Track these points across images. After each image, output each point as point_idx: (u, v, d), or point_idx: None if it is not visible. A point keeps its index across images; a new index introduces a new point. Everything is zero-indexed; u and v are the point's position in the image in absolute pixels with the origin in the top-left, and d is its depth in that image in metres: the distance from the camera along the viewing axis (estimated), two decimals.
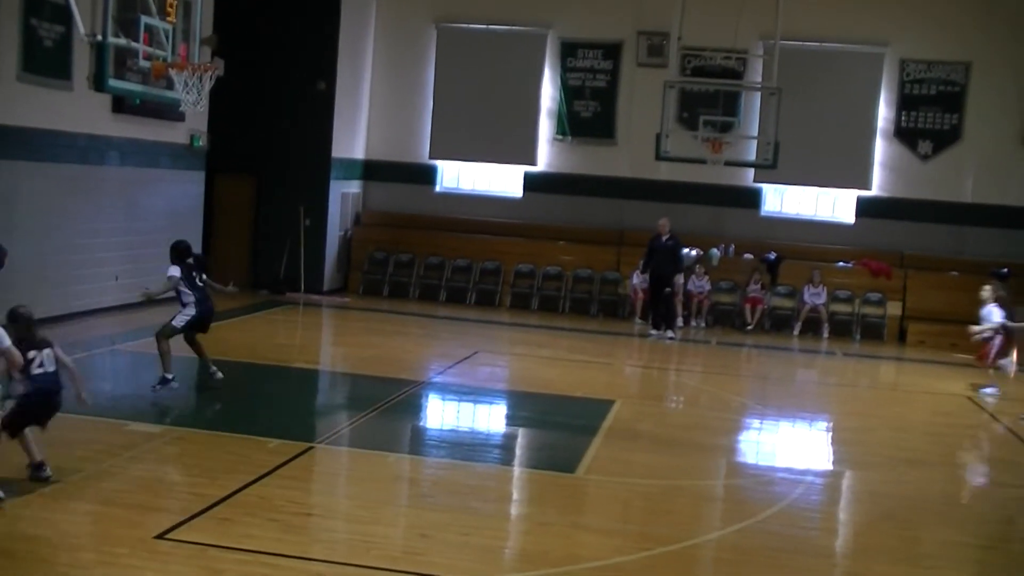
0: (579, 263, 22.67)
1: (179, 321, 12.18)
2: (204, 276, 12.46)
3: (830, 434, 13.63)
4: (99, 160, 17.00)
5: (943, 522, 9.66)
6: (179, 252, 12.25)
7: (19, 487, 8.33)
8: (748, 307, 21.49)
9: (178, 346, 12.45)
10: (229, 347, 16.11)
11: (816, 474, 11.19)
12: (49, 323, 15.52)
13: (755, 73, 22.45)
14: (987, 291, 16.57)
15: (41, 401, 8.52)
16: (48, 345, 8.64)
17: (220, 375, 12.63)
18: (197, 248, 19.85)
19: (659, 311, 19.89)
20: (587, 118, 23.35)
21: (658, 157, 20.40)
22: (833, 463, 12.07)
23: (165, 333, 12.10)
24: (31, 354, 8.44)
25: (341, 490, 9.62)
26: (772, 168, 20.30)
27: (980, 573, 8.72)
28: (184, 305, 12.18)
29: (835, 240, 22.82)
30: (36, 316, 8.92)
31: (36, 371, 8.47)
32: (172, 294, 12.27)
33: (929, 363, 19.19)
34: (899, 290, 21.78)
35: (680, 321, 20.69)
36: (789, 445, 12.94)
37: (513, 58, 23.51)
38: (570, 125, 23.36)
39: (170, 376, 11.98)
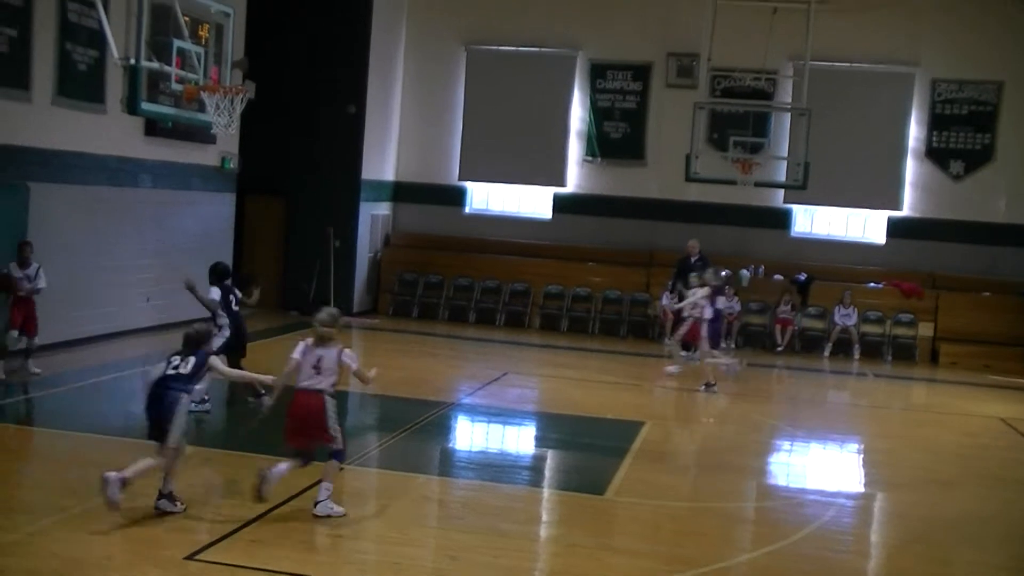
0: (609, 284, 22.64)
1: (214, 345, 12.19)
2: (239, 298, 12.51)
3: (861, 456, 13.52)
4: (131, 182, 17.15)
5: (974, 544, 9.57)
6: (218, 274, 12.45)
7: (45, 508, 8.38)
8: (778, 328, 21.40)
9: None
10: (260, 368, 16.13)
11: (847, 496, 11.12)
12: (81, 344, 15.68)
13: (785, 93, 22.42)
14: (693, 278, 17.26)
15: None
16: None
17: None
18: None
19: None
20: (617, 139, 23.37)
21: (688, 178, 20.42)
22: (864, 485, 11.98)
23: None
24: (172, 359, 8.92)
25: (371, 511, 9.62)
26: (802, 189, 20.26)
27: None
28: (219, 328, 12.22)
29: (866, 261, 22.71)
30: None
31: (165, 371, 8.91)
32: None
33: (961, 384, 19.04)
34: (931, 311, 21.62)
35: None
36: (820, 467, 12.86)
37: (542, 80, 23.57)
38: (599, 146, 23.38)
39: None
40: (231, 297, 12.38)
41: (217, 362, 9.14)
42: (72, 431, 11.34)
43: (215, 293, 12.25)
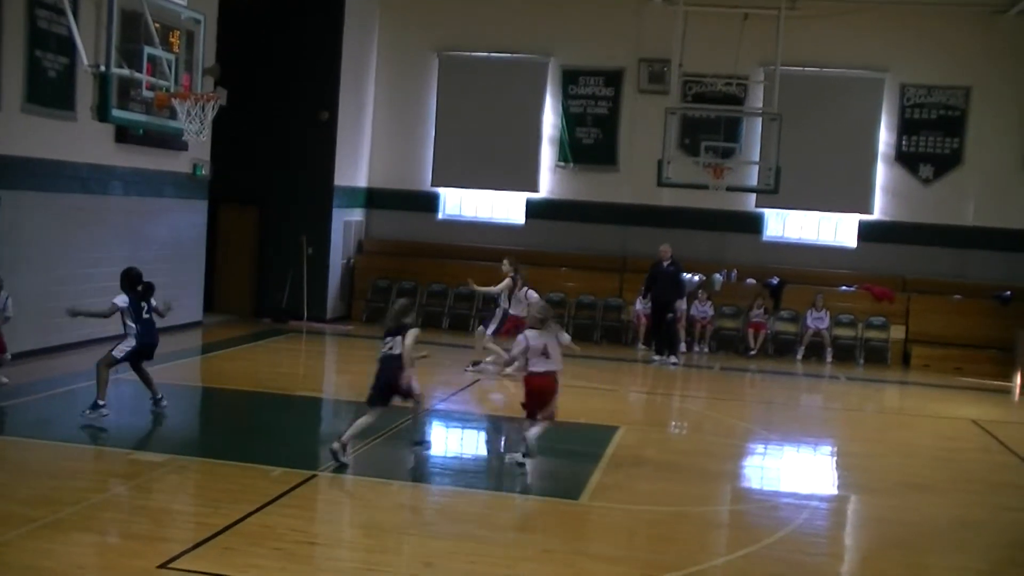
0: (582, 289, 22.68)
1: (119, 352, 12.11)
2: (151, 306, 12.32)
3: (835, 459, 13.59)
4: (102, 190, 17.05)
5: (950, 547, 9.63)
6: (130, 280, 12.19)
7: (15, 518, 8.31)
8: (751, 332, 21.49)
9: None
10: (232, 375, 16.15)
11: (821, 499, 11.16)
12: (54, 353, 15.58)
13: (756, 99, 22.55)
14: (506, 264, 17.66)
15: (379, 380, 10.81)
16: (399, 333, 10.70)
17: (165, 403, 12.55)
18: (200, 277, 20.00)
19: (662, 337, 19.89)
20: (589, 145, 23.42)
21: (660, 183, 20.52)
22: (838, 488, 12.03)
23: (105, 362, 12.06)
24: (386, 339, 10.73)
25: (345, 518, 9.60)
26: (774, 193, 20.42)
27: None
28: (126, 336, 12.13)
29: (837, 264, 22.85)
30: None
31: (384, 351, 10.73)
32: (118, 321, 12.19)
33: (934, 387, 19.17)
34: (902, 314, 21.77)
35: (683, 347, 20.69)
36: (794, 470, 12.91)
37: (515, 86, 23.61)
38: (572, 152, 23.43)
39: (102, 403, 11.91)
40: (143, 304, 12.19)
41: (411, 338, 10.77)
42: (42, 440, 11.25)
43: (120, 300, 12.02)
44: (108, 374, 12.05)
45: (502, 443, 12.28)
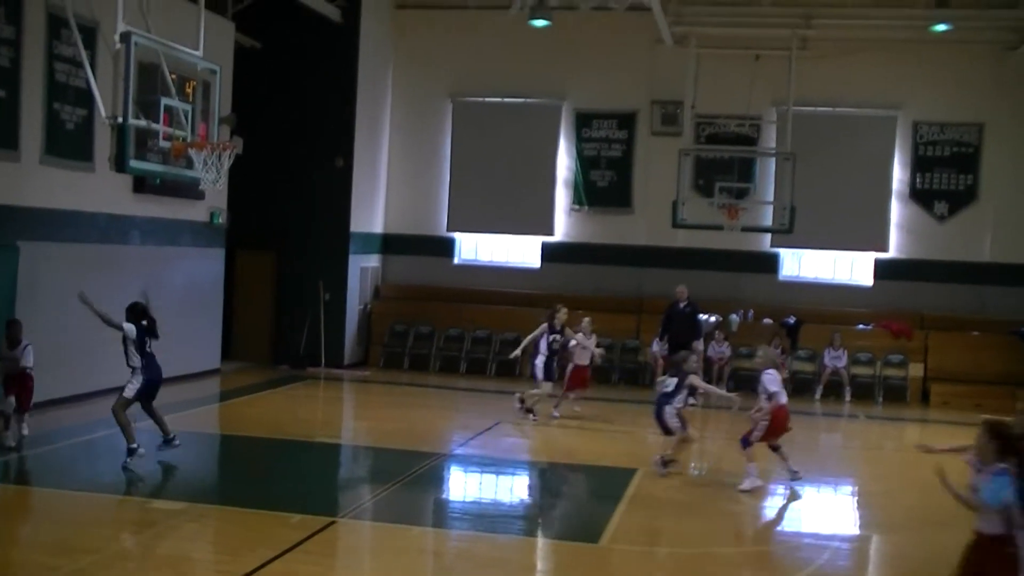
0: (599, 331, 22.34)
1: (129, 392, 12.28)
2: (153, 340, 12.47)
3: (856, 498, 13.52)
4: (121, 239, 17.17)
5: None
6: (135, 313, 12.38)
7: (35, 568, 8.32)
8: None
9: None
10: (250, 422, 16.16)
11: (843, 539, 11.09)
12: (72, 401, 15.63)
13: (769, 139, 22.60)
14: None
15: None
16: None
17: (178, 443, 12.63)
18: (218, 324, 20.08)
19: None
20: (603, 187, 23.49)
21: (675, 224, 20.57)
22: (860, 527, 11.97)
23: (120, 405, 12.20)
24: (664, 379, 13.66)
25: (365, 564, 9.58)
26: (789, 233, 20.45)
27: None
28: (132, 371, 12.27)
29: (854, 303, 22.79)
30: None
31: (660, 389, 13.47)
32: (121, 354, 12.30)
33: (954, 424, 19.02)
34: (920, 351, 21.68)
35: None
36: (815, 510, 12.84)
37: (528, 130, 23.72)
38: (586, 195, 23.49)
39: (135, 446, 12.02)
40: (146, 339, 12.33)
41: (696, 379, 13.44)
42: (63, 489, 11.29)
43: (130, 329, 12.20)
44: (126, 416, 12.14)
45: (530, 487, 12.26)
